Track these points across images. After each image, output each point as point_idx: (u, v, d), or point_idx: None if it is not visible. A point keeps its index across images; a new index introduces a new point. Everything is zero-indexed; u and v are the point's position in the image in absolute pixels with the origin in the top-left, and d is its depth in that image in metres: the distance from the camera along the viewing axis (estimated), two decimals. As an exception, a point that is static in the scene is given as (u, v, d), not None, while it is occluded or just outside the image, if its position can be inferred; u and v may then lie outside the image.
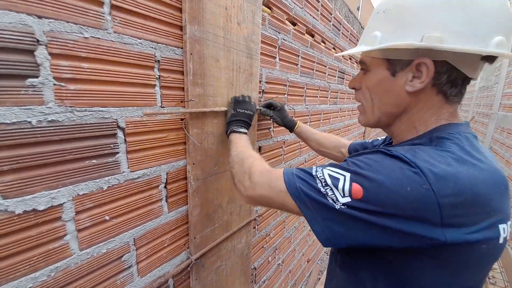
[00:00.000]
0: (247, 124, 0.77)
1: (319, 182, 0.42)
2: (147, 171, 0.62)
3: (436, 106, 0.46)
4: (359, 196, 0.38)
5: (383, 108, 0.50)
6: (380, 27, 0.46)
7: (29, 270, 0.45)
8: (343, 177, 0.40)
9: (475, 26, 0.39)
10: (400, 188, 0.36)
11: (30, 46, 0.41)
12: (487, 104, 4.88)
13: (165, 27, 0.61)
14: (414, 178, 0.36)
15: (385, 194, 0.37)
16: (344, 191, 0.39)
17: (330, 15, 1.57)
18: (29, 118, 0.42)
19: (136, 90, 0.57)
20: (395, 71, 0.46)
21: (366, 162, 0.40)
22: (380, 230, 0.38)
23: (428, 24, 0.40)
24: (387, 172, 0.38)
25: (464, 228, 0.36)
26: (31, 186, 0.44)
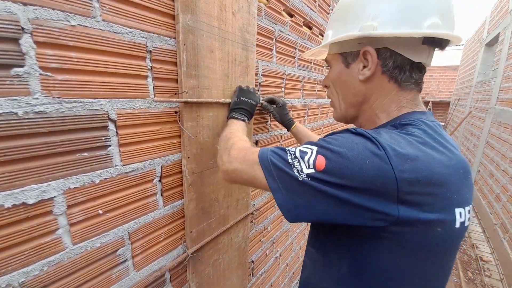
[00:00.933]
0: (248, 113, 0.78)
1: (289, 155, 0.44)
2: (141, 164, 0.61)
3: (392, 93, 0.49)
4: (321, 167, 0.39)
5: (345, 99, 0.54)
6: (331, 26, 0.53)
7: (21, 265, 0.45)
8: (311, 150, 0.42)
9: (405, 12, 0.43)
10: (360, 161, 0.37)
11: (14, 35, 0.40)
12: (484, 98, 4.88)
13: (157, 16, 0.59)
14: (375, 151, 0.38)
15: (345, 165, 0.38)
16: (309, 162, 0.41)
17: (328, 7, 1.54)
18: (15, 109, 0.41)
19: (128, 81, 0.55)
20: (348, 63, 0.51)
21: (333, 138, 0.43)
22: (338, 203, 0.39)
23: (364, 17, 0.46)
24: (350, 146, 0.39)
25: (418, 208, 0.37)
26: (19, 179, 0.43)
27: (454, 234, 0.40)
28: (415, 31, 0.43)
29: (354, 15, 0.47)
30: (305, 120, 1.52)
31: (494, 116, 4.04)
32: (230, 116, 0.76)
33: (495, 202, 3.37)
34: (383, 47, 0.46)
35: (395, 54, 0.46)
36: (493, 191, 3.51)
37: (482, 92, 5.14)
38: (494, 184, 3.55)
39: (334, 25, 0.52)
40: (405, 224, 0.37)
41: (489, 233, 3.34)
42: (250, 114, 0.78)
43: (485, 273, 2.58)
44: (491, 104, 4.30)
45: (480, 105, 5.12)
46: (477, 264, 2.74)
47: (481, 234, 3.39)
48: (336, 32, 0.51)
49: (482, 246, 3.09)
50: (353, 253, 0.44)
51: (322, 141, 0.44)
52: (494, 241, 3.06)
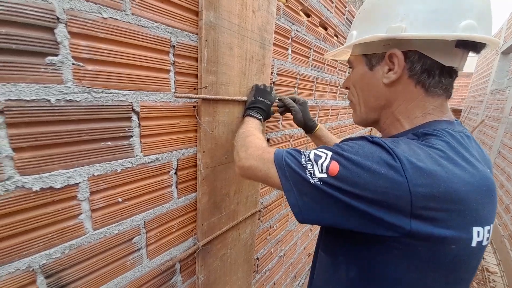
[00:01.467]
0: (264, 112, 0.78)
1: (304, 157, 0.44)
2: (159, 156, 0.62)
3: (418, 98, 0.46)
4: (334, 173, 0.39)
5: (366, 102, 0.52)
6: (356, 26, 0.51)
7: (44, 247, 0.47)
8: (325, 155, 0.42)
9: (438, 13, 0.40)
10: (374, 171, 0.36)
11: (50, 24, 0.41)
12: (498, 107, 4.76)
13: (182, 11, 0.60)
14: (390, 162, 0.36)
15: (358, 174, 0.37)
16: (322, 166, 0.41)
17: (344, 8, 1.53)
18: (48, 96, 0.42)
19: (151, 75, 0.56)
20: (372, 65, 0.49)
21: (349, 145, 0.42)
22: (349, 210, 0.38)
23: (392, 17, 0.43)
24: (365, 155, 0.38)
25: (432, 223, 0.35)
26: (48, 164, 0.44)
27: (470, 253, 0.38)
28: (449, 34, 0.39)
29: (381, 15, 0.45)
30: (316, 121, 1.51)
31: (508, 126, 3.95)
32: (247, 114, 0.77)
33: (504, 213, 3.29)
34: (412, 49, 0.44)
35: (424, 57, 0.43)
36: (503, 202, 3.44)
37: (496, 101, 5.01)
38: (504, 195, 3.47)
39: (359, 25, 0.51)
40: (417, 238, 0.36)
41: (496, 245, 3.27)
42: (265, 113, 0.79)
43: (490, 284, 2.53)
44: (504, 114, 4.19)
45: (493, 114, 5.00)
46: (483, 275, 2.69)
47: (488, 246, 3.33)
48: (361, 32, 0.49)
49: (489, 257, 3.04)
50: (362, 259, 0.43)
51: (337, 147, 0.43)
52: (501, 253, 3.00)
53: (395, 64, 0.45)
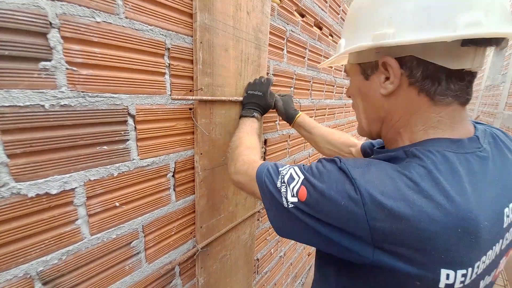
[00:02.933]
0: (258, 106, 0.77)
1: (280, 179, 0.45)
2: (156, 159, 0.62)
3: (421, 109, 0.39)
4: (303, 198, 0.40)
5: (367, 114, 0.48)
6: (344, 34, 0.47)
7: (41, 253, 0.46)
8: (298, 178, 0.42)
9: (429, 11, 0.33)
10: (336, 201, 0.36)
11: (43, 29, 0.41)
12: (492, 103, 4.82)
13: (176, 14, 0.60)
14: (351, 194, 0.35)
15: (323, 202, 0.38)
16: (293, 190, 0.41)
17: (338, 7, 1.54)
18: (42, 101, 0.42)
19: (147, 78, 0.56)
20: (367, 74, 0.44)
21: (319, 170, 0.41)
22: (318, 234, 0.39)
23: (377, 22, 0.38)
24: (330, 183, 0.38)
25: (395, 257, 0.33)
26: (43, 170, 0.44)
27: None
28: (447, 35, 0.32)
29: (366, 20, 0.40)
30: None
31: (503, 121, 3.99)
32: (240, 115, 0.77)
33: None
34: (408, 55, 0.37)
35: (425, 62, 0.37)
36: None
37: (491, 97, 5.07)
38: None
39: (346, 32, 0.46)
40: (381, 268, 0.35)
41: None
42: (261, 107, 0.77)
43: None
44: (499, 109, 4.24)
45: (488, 110, 5.06)
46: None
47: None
48: (349, 40, 0.44)
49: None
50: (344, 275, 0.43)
51: (309, 169, 0.43)
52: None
53: (390, 73, 0.40)
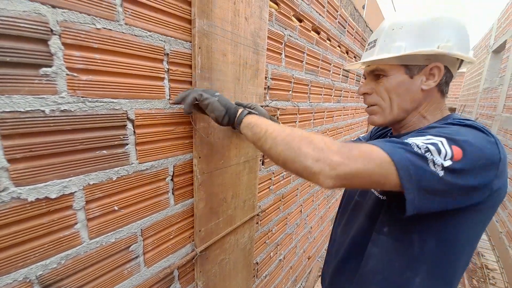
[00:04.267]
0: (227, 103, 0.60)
1: (419, 149, 0.44)
2: (155, 163, 0.62)
3: (437, 101, 0.60)
4: (459, 157, 0.43)
5: (402, 105, 0.60)
6: (403, 39, 0.57)
7: (40, 258, 0.46)
8: (440, 142, 0.44)
9: (464, 41, 0.55)
10: (484, 147, 0.45)
11: (44, 36, 0.42)
12: (490, 105, 4.84)
13: (175, 20, 0.61)
14: (490, 139, 0.46)
15: (477, 152, 0.44)
16: (446, 154, 0.43)
17: (336, 12, 1.56)
18: (42, 107, 0.43)
19: (146, 83, 0.57)
20: (413, 74, 0.57)
21: (452, 130, 0.48)
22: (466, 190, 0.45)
23: (439, 38, 0.54)
24: (473, 136, 0.46)
25: (500, 179, 0.46)
26: (43, 174, 0.45)
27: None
28: (470, 57, 0.55)
29: (431, 33, 0.54)
30: (311, 123, 1.53)
31: (501, 123, 4.01)
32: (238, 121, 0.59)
33: (501, 210, 3.32)
34: (445, 64, 0.55)
35: (449, 71, 0.57)
36: (499, 199, 3.47)
37: (489, 99, 5.10)
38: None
39: (408, 39, 0.56)
40: (494, 193, 0.47)
41: (494, 241, 3.29)
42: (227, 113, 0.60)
43: (490, 282, 2.54)
44: (497, 111, 4.26)
45: (487, 112, 5.08)
46: (483, 272, 2.70)
47: (487, 242, 3.34)
48: (413, 46, 0.55)
49: (488, 254, 3.05)
50: (438, 231, 0.52)
51: (442, 133, 0.46)
52: (500, 250, 3.02)
53: (435, 74, 0.56)
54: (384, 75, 0.60)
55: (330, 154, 0.45)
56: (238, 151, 0.88)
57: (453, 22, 0.55)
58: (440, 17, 0.55)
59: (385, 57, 0.57)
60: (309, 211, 1.82)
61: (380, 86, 0.61)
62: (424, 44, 0.54)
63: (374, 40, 0.63)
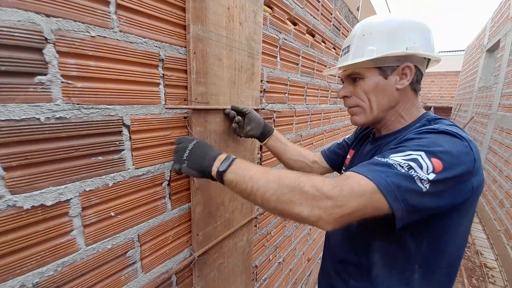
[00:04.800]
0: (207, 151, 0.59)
1: (402, 168, 0.46)
2: (151, 168, 0.63)
3: (411, 99, 0.64)
4: (439, 168, 0.45)
5: (381, 104, 0.64)
6: (373, 44, 0.61)
7: (37, 265, 0.46)
8: (420, 156, 0.47)
9: (428, 41, 0.60)
10: (460, 153, 0.47)
11: (38, 44, 0.42)
12: (486, 104, 4.89)
13: (169, 26, 0.61)
14: (463, 143, 0.49)
15: (455, 161, 0.47)
16: (428, 168, 0.45)
17: (330, 15, 1.58)
18: (37, 115, 0.43)
19: (141, 88, 0.57)
20: (387, 75, 0.61)
21: (429, 140, 0.49)
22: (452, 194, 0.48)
23: (406, 40, 0.59)
24: (449, 144, 0.48)
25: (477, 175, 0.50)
26: (39, 181, 0.45)
27: None
28: (436, 56, 0.61)
29: (398, 37, 0.59)
30: (308, 125, 1.54)
31: (496, 121, 4.05)
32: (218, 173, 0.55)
33: (499, 208, 3.34)
34: (415, 64, 0.60)
35: (418, 70, 0.61)
36: (497, 197, 3.49)
37: (484, 98, 5.15)
38: (497, 189, 3.53)
39: (378, 43, 0.61)
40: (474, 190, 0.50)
41: (493, 240, 3.30)
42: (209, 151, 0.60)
43: (490, 280, 2.54)
44: (493, 110, 4.30)
45: (482, 111, 5.13)
46: (482, 271, 2.70)
47: (485, 241, 3.35)
48: (384, 49, 0.60)
49: (487, 253, 3.06)
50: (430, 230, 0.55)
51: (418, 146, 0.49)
52: (498, 248, 3.03)
53: (407, 74, 0.60)
54: (360, 77, 0.64)
55: (323, 201, 0.46)
56: (235, 154, 0.89)
57: (417, 26, 0.60)
58: (406, 22, 0.60)
59: (359, 61, 0.60)
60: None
61: (358, 88, 0.65)
62: (393, 46, 0.59)
63: (348, 46, 0.66)
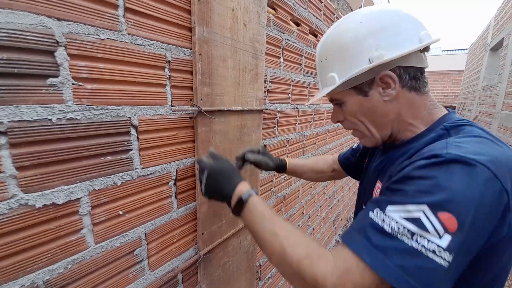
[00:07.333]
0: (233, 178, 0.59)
1: (403, 236, 0.35)
2: (158, 167, 0.64)
3: (416, 101, 0.52)
4: (453, 225, 0.33)
5: (376, 123, 0.55)
6: (332, 69, 0.54)
7: (47, 263, 0.47)
8: (422, 213, 0.35)
9: (401, 34, 0.48)
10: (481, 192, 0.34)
11: (50, 47, 0.43)
12: (490, 103, 4.85)
13: (175, 28, 0.63)
14: (484, 174, 0.35)
15: (472, 204, 0.34)
16: (437, 230, 0.34)
17: (333, 15, 1.58)
18: (49, 116, 0.44)
19: (148, 90, 0.59)
20: (365, 92, 0.52)
21: (433, 184, 0.37)
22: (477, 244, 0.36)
23: (365, 50, 0.49)
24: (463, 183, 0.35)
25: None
26: (50, 181, 0.46)
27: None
28: (419, 45, 0.48)
29: (354, 52, 0.50)
30: (311, 125, 1.54)
31: (501, 120, 4.01)
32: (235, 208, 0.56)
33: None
34: (395, 66, 0.49)
35: (407, 68, 0.50)
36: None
37: (488, 97, 5.11)
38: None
39: (336, 67, 0.53)
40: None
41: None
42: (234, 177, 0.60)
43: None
44: (497, 109, 4.27)
45: (486, 110, 5.08)
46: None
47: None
48: (344, 71, 0.51)
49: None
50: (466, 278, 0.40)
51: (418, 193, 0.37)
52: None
53: (390, 82, 0.50)
54: (341, 102, 0.57)
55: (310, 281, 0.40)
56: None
57: (373, 26, 0.49)
58: (358, 28, 0.49)
59: (325, 93, 0.54)
60: (311, 212, 1.82)
61: (345, 112, 0.58)
62: (353, 65, 0.50)
63: (317, 71, 0.61)
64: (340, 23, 0.54)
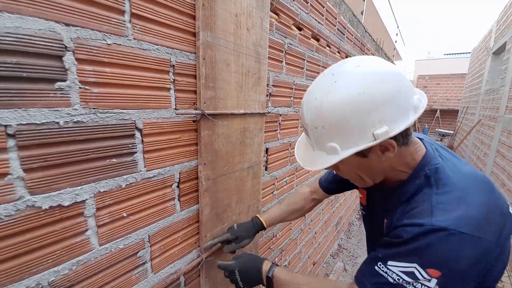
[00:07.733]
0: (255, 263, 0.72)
1: (405, 282, 0.48)
2: (162, 170, 0.64)
3: (404, 151, 0.56)
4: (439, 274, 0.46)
5: (373, 176, 0.59)
6: (331, 139, 0.52)
7: (52, 264, 0.48)
8: (414, 268, 0.47)
9: (401, 106, 0.49)
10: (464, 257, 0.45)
11: (58, 52, 0.44)
12: (493, 107, 4.82)
13: (180, 33, 0.64)
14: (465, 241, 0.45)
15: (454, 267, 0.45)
16: (426, 278, 0.46)
17: (335, 19, 1.60)
18: (57, 119, 0.45)
19: (153, 93, 0.60)
20: (365, 154, 0.53)
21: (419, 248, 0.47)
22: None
23: (369, 125, 0.48)
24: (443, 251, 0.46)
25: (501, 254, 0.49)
26: (57, 183, 0.47)
27: None
28: (417, 115, 0.50)
29: (356, 126, 0.48)
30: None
31: (504, 124, 3.99)
32: None
33: (508, 212, 3.27)
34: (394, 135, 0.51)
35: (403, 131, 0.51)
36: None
37: (491, 101, 5.08)
38: (506, 194, 3.46)
39: (338, 137, 0.51)
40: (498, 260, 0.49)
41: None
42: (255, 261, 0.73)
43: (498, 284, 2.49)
44: (500, 113, 4.24)
45: (489, 114, 5.06)
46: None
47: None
48: (347, 143, 0.51)
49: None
50: None
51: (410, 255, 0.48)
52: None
53: (389, 148, 0.52)
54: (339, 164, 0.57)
55: None
56: (242, 157, 0.90)
57: (373, 101, 0.46)
58: (355, 102, 0.47)
59: (331, 164, 0.53)
60: (313, 216, 1.82)
61: (342, 169, 0.59)
62: (356, 138, 0.49)
63: (306, 129, 0.57)
64: (333, 86, 0.49)
